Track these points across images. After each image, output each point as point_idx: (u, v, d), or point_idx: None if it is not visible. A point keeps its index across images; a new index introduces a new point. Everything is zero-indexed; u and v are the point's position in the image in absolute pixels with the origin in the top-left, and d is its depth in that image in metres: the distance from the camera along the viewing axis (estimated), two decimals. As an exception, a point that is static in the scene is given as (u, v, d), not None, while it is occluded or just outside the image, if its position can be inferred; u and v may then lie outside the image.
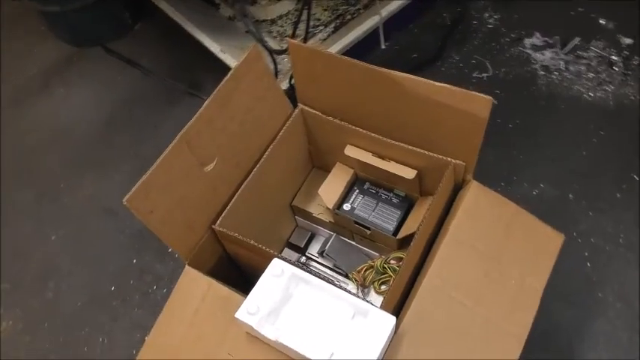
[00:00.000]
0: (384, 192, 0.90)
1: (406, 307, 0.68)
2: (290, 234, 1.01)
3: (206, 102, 0.71)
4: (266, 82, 0.79)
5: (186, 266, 0.74)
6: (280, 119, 0.83)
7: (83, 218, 1.20)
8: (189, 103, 1.34)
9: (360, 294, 0.90)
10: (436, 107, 0.69)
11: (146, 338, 0.72)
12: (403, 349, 0.64)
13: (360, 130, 0.80)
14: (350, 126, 0.80)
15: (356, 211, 0.89)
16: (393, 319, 0.63)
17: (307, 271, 0.92)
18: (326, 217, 0.94)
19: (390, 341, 0.65)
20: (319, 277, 0.92)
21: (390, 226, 0.86)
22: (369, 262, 0.91)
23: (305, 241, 1.00)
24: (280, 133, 0.83)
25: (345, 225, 0.92)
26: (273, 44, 1.20)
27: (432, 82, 0.68)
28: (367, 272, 0.90)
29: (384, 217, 0.87)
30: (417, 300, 0.67)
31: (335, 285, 0.68)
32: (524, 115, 1.22)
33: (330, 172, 0.92)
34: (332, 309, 0.67)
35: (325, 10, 1.23)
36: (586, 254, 1.02)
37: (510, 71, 1.30)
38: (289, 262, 0.70)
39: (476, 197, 0.75)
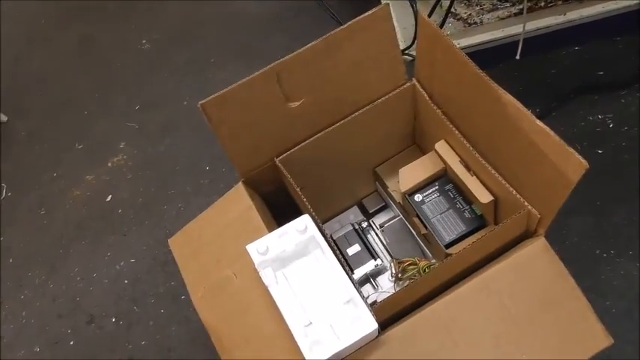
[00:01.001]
0: (461, 201, 0.83)
1: (400, 322, 0.65)
2: (366, 195, 1.00)
3: (311, 43, 0.70)
4: (385, 45, 0.75)
5: (240, 182, 0.79)
6: (389, 86, 0.79)
7: (214, 97, 1.31)
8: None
9: (392, 282, 0.89)
10: (530, 146, 0.61)
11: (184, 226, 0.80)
12: (376, 356, 0.63)
13: (456, 132, 0.74)
14: (448, 123, 0.74)
15: (424, 206, 0.84)
16: (374, 325, 0.62)
17: (360, 236, 0.94)
18: (397, 197, 0.91)
19: (367, 344, 0.64)
20: (367, 248, 0.93)
21: (447, 237, 0.81)
22: (416, 259, 0.87)
23: (375, 208, 0.99)
24: (382, 99, 0.80)
25: (409, 213, 0.88)
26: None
27: (535, 119, 0.59)
28: (409, 267, 0.87)
29: (446, 225, 0.82)
30: (412, 322, 0.64)
31: (346, 269, 0.68)
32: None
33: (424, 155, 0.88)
34: (332, 286, 0.67)
35: (522, -14, 1.09)
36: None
37: None
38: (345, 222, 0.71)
39: (534, 255, 0.66)
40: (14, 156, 1.36)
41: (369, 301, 0.91)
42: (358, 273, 0.90)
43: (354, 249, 0.93)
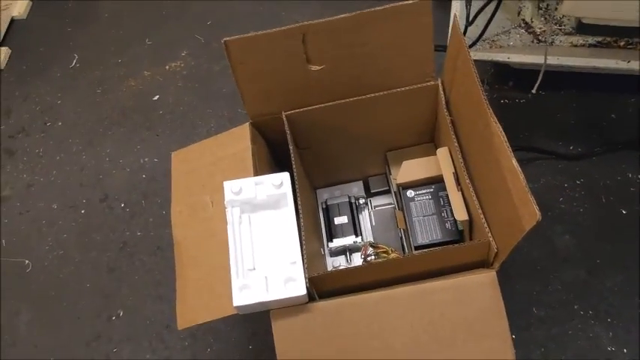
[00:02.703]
0: (448, 211, 0.83)
1: (336, 298, 0.68)
2: (374, 175, 1.02)
3: (343, 15, 0.71)
4: (419, 38, 0.74)
5: (248, 123, 0.83)
6: (413, 79, 0.79)
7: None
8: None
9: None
10: (502, 182, 0.61)
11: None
12: (297, 319, 0.67)
13: (455, 144, 0.73)
14: (452, 133, 0.74)
15: (412, 203, 0.85)
16: (303, 292, 0.65)
17: (352, 209, 0.97)
18: (394, 185, 0.92)
19: (295, 305, 0.68)
20: (354, 223, 0.95)
21: (420, 240, 0.82)
22: (390, 249, 0.89)
23: (377, 190, 1.00)
24: (403, 89, 0.80)
25: (397, 202, 0.90)
26: (530, 14, 1.06)
27: (512, 156, 0.58)
28: (382, 253, 0.90)
29: (424, 229, 0.83)
30: (344, 301, 0.67)
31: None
32: None
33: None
34: (286, 244, 0.71)
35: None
36: None
37: None
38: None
39: (480, 285, 0.66)
40: (92, 32, 1.47)
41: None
42: (337, 243, 0.94)
43: (341, 219, 0.96)
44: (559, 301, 0.93)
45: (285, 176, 0.74)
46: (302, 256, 0.69)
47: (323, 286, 0.70)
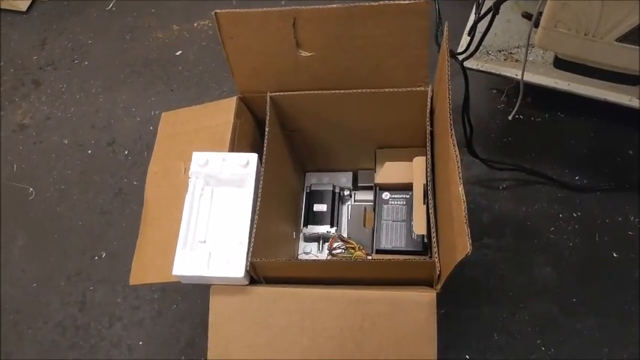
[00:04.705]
0: (418, 221, 0.82)
1: (278, 286, 0.69)
2: (366, 169, 1.00)
3: (334, 5, 0.69)
4: (413, 41, 0.72)
5: (236, 97, 0.83)
6: (404, 82, 0.76)
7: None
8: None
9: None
10: (449, 206, 0.59)
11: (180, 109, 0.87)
12: (235, 299, 0.68)
13: (429, 156, 0.71)
14: (428, 144, 0.72)
15: (385, 205, 0.84)
16: (241, 274, 0.66)
17: (333, 199, 0.96)
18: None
19: (234, 284, 0.69)
20: (332, 213, 0.95)
21: (383, 244, 0.81)
22: (359, 247, 0.88)
23: (364, 184, 0.99)
24: (392, 90, 0.77)
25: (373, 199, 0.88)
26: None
27: (460, 183, 0.56)
28: (348, 248, 0.89)
29: (390, 234, 0.82)
30: (284, 291, 0.67)
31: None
32: None
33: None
34: (238, 224, 0.71)
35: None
36: None
37: None
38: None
39: (417, 304, 0.65)
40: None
41: (306, 257, 0.96)
42: (311, 229, 0.94)
43: (321, 207, 0.96)
44: (522, 333, 0.90)
45: (252, 157, 0.74)
46: (250, 238, 0.69)
47: (266, 272, 0.70)
